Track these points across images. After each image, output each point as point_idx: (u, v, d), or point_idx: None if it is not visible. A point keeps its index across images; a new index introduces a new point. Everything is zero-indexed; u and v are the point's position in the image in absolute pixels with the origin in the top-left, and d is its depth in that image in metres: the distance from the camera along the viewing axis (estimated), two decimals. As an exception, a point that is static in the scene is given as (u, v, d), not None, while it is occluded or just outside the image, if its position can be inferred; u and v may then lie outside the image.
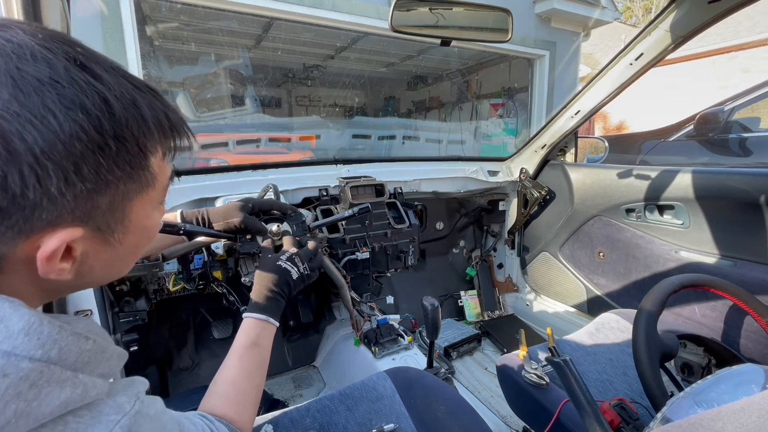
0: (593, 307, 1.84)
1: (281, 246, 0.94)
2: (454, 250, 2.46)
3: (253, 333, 0.71)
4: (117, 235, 0.40)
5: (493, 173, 2.08)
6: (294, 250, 0.88)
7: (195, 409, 0.61)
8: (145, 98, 0.38)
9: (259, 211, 1.05)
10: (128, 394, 0.39)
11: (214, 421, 0.56)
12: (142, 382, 0.43)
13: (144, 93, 0.38)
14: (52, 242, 0.34)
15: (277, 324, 0.76)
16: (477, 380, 1.76)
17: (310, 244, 0.91)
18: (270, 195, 1.35)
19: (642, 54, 1.38)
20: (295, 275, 0.82)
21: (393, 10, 1.11)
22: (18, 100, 0.30)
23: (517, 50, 5.61)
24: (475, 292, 2.32)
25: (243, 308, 0.79)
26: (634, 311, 0.95)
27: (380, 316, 1.61)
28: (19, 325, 0.31)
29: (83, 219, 0.35)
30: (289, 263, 0.83)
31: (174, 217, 0.93)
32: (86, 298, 1.09)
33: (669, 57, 1.41)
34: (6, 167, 0.29)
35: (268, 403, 1.50)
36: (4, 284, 0.35)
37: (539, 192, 2.00)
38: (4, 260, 0.34)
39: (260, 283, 0.79)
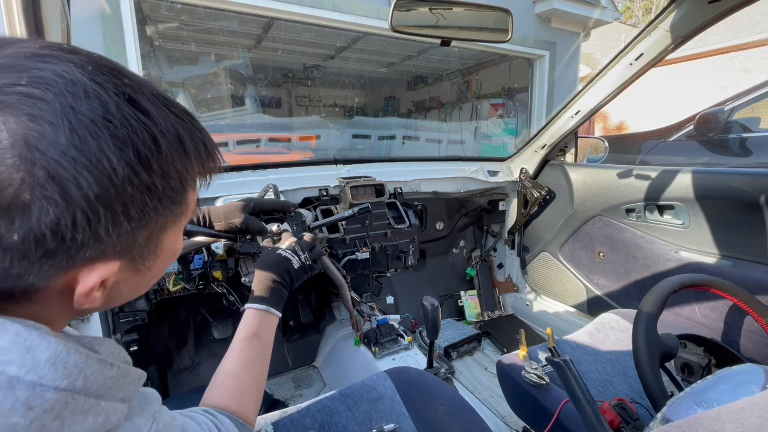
0: (593, 307, 1.84)
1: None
2: (454, 250, 2.46)
3: (254, 324, 0.71)
4: (148, 263, 0.40)
5: (493, 173, 2.08)
6: (293, 240, 0.89)
7: None
8: (186, 128, 0.38)
9: (259, 211, 1.05)
10: (145, 415, 0.39)
11: (218, 415, 0.56)
12: (156, 399, 0.43)
13: (185, 122, 0.38)
14: (92, 278, 0.34)
15: (279, 315, 0.75)
16: (477, 380, 1.76)
17: (307, 236, 0.92)
18: (270, 195, 1.35)
19: (642, 54, 1.38)
20: (296, 264, 0.82)
21: (393, 10, 1.11)
22: (75, 146, 0.29)
23: (517, 50, 5.60)
24: (475, 292, 2.32)
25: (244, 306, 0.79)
26: (634, 311, 0.95)
27: (380, 316, 1.61)
28: (46, 355, 0.31)
29: (122, 253, 0.36)
30: (289, 252, 0.83)
31: None
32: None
33: (669, 57, 1.41)
34: (60, 214, 0.29)
35: (268, 403, 1.50)
36: (36, 313, 0.34)
37: (539, 192, 2.00)
38: (39, 292, 0.34)
39: (261, 274, 0.78)
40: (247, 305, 0.74)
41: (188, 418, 0.50)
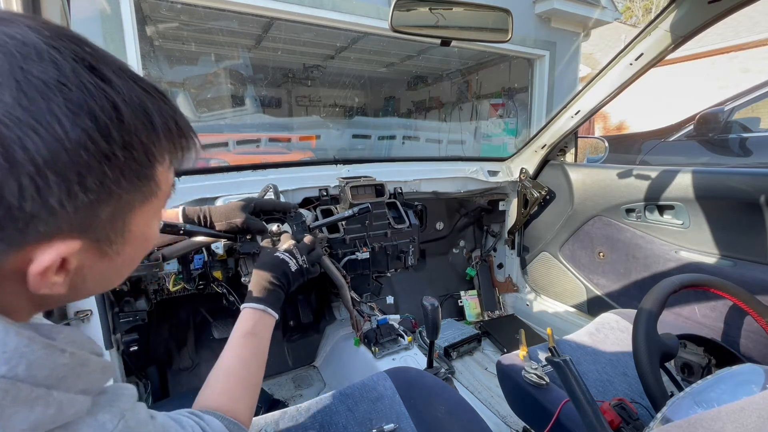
0: (593, 307, 1.84)
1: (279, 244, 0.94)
2: (454, 250, 2.46)
3: (251, 322, 0.70)
4: (115, 246, 0.37)
5: (493, 173, 2.08)
6: (291, 242, 0.88)
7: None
8: (155, 103, 0.36)
9: (260, 211, 1.05)
10: (112, 411, 0.36)
11: (204, 416, 0.54)
12: (129, 396, 0.40)
13: (153, 97, 0.36)
14: (47, 256, 0.31)
15: (276, 316, 0.74)
16: (477, 380, 1.76)
17: (306, 239, 0.91)
18: (270, 195, 1.35)
19: (642, 54, 1.38)
20: (293, 267, 0.82)
21: (393, 10, 1.12)
22: (21, 105, 0.28)
23: (517, 50, 5.61)
24: (475, 292, 2.32)
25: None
26: (634, 311, 0.95)
27: (380, 316, 1.61)
28: None
29: (81, 231, 0.33)
30: (287, 255, 0.83)
31: (176, 214, 0.93)
32: (86, 299, 1.09)
33: (669, 57, 1.41)
34: (4, 178, 0.27)
35: (268, 403, 1.50)
36: None
37: (539, 192, 2.00)
38: None
39: (258, 276, 0.77)
40: (244, 305, 0.73)
41: (172, 420, 0.48)
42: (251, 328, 0.70)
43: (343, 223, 1.51)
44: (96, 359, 0.35)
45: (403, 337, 1.53)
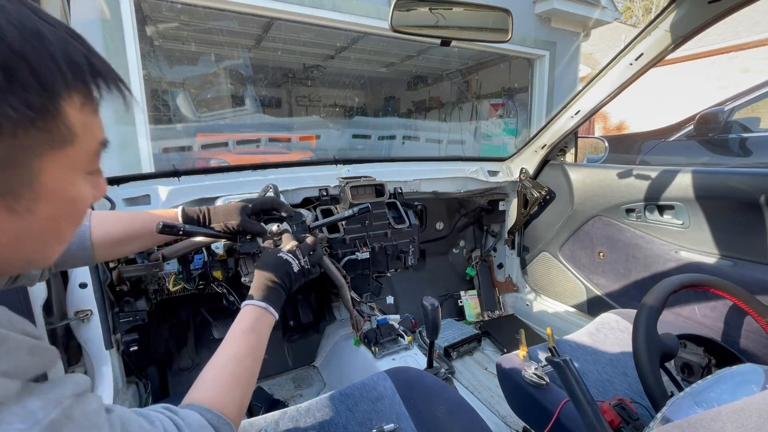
0: (593, 307, 1.84)
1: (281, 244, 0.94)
2: (454, 250, 2.46)
3: (251, 320, 0.70)
4: (24, 202, 0.33)
5: (493, 173, 2.08)
6: (294, 243, 0.88)
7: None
8: (58, 35, 0.32)
9: (259, 211, 1.05)
10: (47, 398, 0.31)
11: (179, 411, 0.51)
12: (73, 383, 0.35)
13: (57, 29, 0.32)
14: None
15: (277, 316, 0.74)
16: (477, 380, 1.76)
17: (308, 239, 0.92)
18: (270, 195, 1.35)
19: (642, 54, 1.38)
20: (295, 267, 0.82)
21: (393, 10, 1.12)
22: None
23: (517, 50, 5.62)
24: (475, 292, 2.32)
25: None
26: (634, 311, 0.95)
27: (380, 316, 1.61)
28: None
29: None
30: (290, 255, 0.83)
31: (175, 214, 0.93)
32: (86, 299, 1.09)
33: (669, 57, 1.41)
34: None
35: (268, 403, 1.50)
36: None
37: (539, 192, 2.00)
38: None
39: (261, 275, 0.77)
40: (245, 302, 0.73)
41: (138, 416, 0.44)
42: (251, 325, 0.69)
43: (343, 223, 1.51)
44: (20, 338, 0.32)
45: (403, 337, 1.53)
